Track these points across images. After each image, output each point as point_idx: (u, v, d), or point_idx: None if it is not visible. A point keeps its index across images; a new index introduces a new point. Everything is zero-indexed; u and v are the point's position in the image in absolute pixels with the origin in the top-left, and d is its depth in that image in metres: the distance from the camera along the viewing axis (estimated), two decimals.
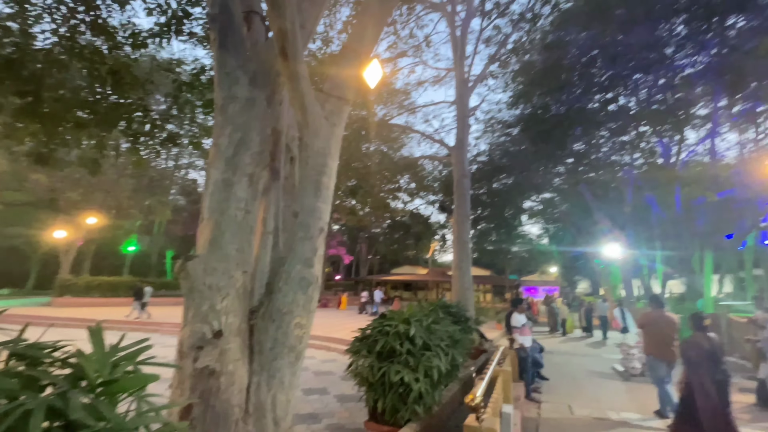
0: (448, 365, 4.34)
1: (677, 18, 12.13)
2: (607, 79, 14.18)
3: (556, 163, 19.48)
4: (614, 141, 17.54)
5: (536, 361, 6.70)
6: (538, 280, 38.32)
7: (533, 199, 26.76)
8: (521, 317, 6.44)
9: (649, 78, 14.08)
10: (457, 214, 11.30)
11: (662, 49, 12.83)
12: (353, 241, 41.60)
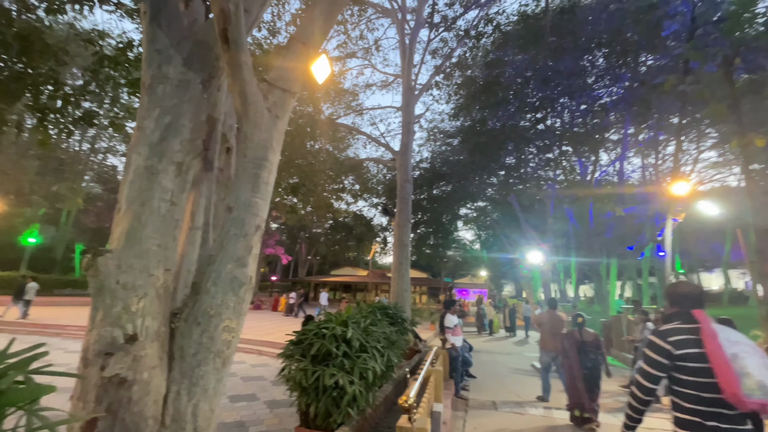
0: (383, 366, 4.36)
1: (599, 51, 13.68)
2: (538, 101, 15.53)
3: (490, 174, 20.85)
4: (541, 157, 19.28)
5: (466, 360, 7.03)
6: (469, 283, 40.46)
7: (469, 206, 28.32)
8: (454, 318, 6.72)
9: (572, 103, 15.70)
10: (398, 218, 11.52)
11: (585, 78, 14.39)
12: (293, 240, 40.42)
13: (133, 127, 3.20)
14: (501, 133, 16.17)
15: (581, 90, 14.21)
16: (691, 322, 1.99)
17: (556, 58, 12.61)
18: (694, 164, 19.13)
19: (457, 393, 6.28)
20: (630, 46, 12.66)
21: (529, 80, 14.34)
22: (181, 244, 2.59)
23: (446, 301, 7.40)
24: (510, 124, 16.13)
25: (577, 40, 12.44)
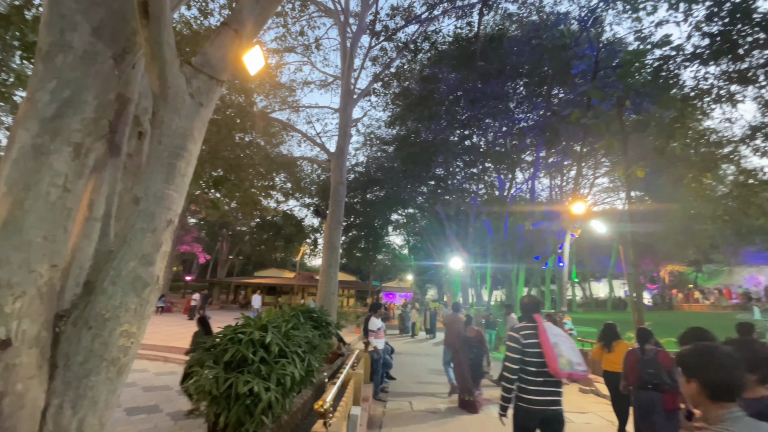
0: (303, 371, 4.27)
1: (520, 80, 15.14)
2: (466, 119, 16.65)
3: (421, 183, 21.74)
4: (467, 171, 20.66)
5: (386, 362, 7.20)
6: (396, 287, 41.54)
7: (400, 212, 29.16)
8: (378, 321, 6.85)
9: (496, 124, 17.14)
10: (330, 220, 11.41)
11: (507, 103, 15.82)
12: (213, 238, 37.65)
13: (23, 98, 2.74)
14: (432, 146, 17.00)
15: (503, 113, 15.62)
16: (532, 322, 3.03)
17: (483, 81, 13.69)
18: (590, 187, 22.10)
19: (376, 395, 6.39)
20: (546, 79, 14.27)
21: (460, 99, 15.34)
22: (75, 237, 2.27)
23: (372, 304, 7.51)
24: (441, 137, 17.04)
25: (502, 67, 13.66)
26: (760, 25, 7.55)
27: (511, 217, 17.99)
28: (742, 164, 8.18)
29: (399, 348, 12.31)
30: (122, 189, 2.74)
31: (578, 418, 5.94)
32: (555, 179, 20.93)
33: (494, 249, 20.65)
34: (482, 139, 19.11)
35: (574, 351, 2.85)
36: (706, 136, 8.87)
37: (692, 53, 8.53)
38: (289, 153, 21.29)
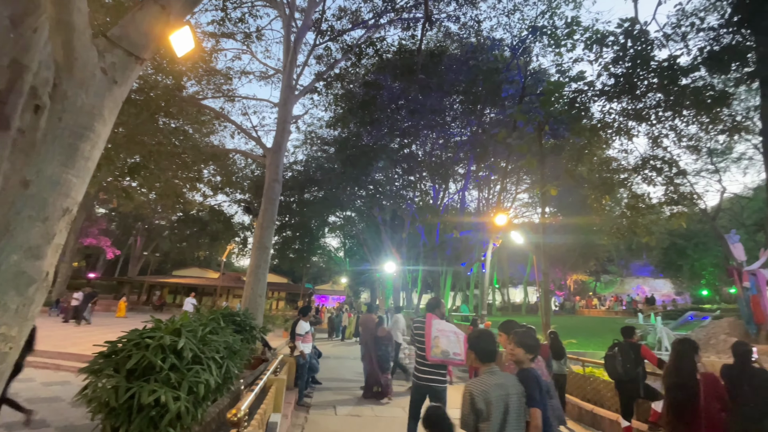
0: (220, 379, 4.01)
1: (457, 97, 16.02)
2: (407, 128, 17.17)
3: (360, 187, 21.86)
4: (405, 179, 21.27)
5: (313, 367, 7.06)
6: (329, 290, 41.03)
7: (338, 214, 28.96)
8: (306, 325, 6.69)
9: (433, 136, 17.94)
10: (262, 218, 10.91)
11: (444, 117, 16.65)
12: (126, 231, 33.80)
13: None
14: (372, 151, 17.22)
15: (441, 126, 16.43)
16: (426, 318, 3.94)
17: (423, 93, 14.26)
18: (513, 201, 24.11)
19: (300, 401, 6.23)
20: (479, 98, 15.32)
21: (401, 108, 15.79)
22: None
23: (302, 308, 7.33)
24: (381, 143, 17.34)
25: (441, 83, 14.38)
26: (655, 72, 8.94)
27: (442, 224, 18.90)
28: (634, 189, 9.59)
29: (328, 351, 12.16)
30: (8, 169, 2.35)
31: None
32: (483, 192, 22.48)
33: (426, 254, 21.51)
34: (421, 149, 19.84)
35: (454, 344, 3.62)
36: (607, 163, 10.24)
37: (600, 90, 9.79)
38: (221, 144, 19.99)
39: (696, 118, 8.52)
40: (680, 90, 8.27)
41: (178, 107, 12.87)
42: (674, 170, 9.13)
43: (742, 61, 7.74)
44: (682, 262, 27.48)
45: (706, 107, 8.47)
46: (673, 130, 8.95)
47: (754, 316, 11.38)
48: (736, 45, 7.58)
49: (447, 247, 19.61)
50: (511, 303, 38.42)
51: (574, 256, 30.69)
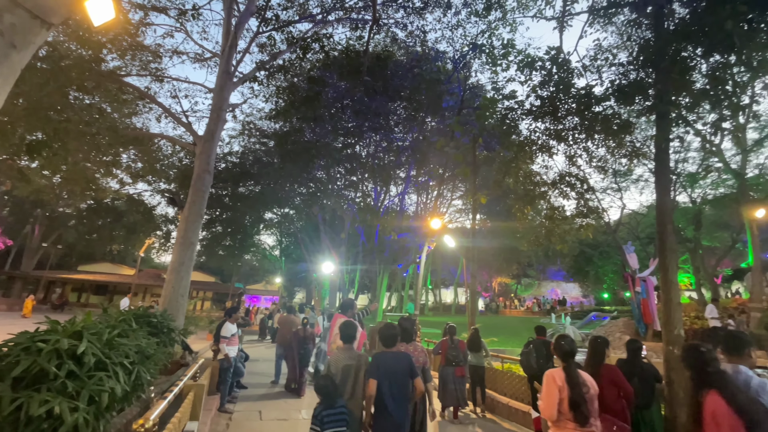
0: (128, 386, 3.64)
1: (401, 102, 16.40)
2: (351, 128, 17.14)
3: (300, 184, 21.29)
4: (347, 179, 21.18)
5: (237, 371, 6.72)
6: (262, 290, 39.34)
7: (275, 211, 27.88)
8: (232, 327, 6.35)
9: (377, 138, 18.14)
10: (189, 211, 10.09)
11: (389, 121, 16.94)
12: (21, 219, 29.14)
13: None
14: (314, 148, 16.89)
15: (385, 130, 16.68)
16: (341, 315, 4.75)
17: (368, 95, 14.36)
18: (448, 207, 25.28)
19: (221, 406, 5.89)
20: (422, 106, 15.84)
21: (346, 107, 15.71)
22: None
23: (228, 308, 6.94)
24: (324, 141, 17.08)
25: (386, 87, 14.61)
26: (574, 98, 9.98)
27: (382, 226, 19.18)
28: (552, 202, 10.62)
29: (257, 354, 11.63)
30: None
31: None
32: (421, 196, 23.25)
33: (365, 255, 21.63)
34: (364, 150, 19.92)
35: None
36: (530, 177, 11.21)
37: (528, 109, 10.68)
38: (144, 128, 18.19)
39: (604, 142, 9.70)
40: (593, 116, 9.34)
41: (94, 82, 11.46)
42: (585, 187, 10.30)
43: (644, 95, 8.89)
44: (588, 268, 31.06)
45: (613, 133, 9.65)
46: (585, 151, 10.08)
47: (643, 317, 13.27)
48: (641, 81, 8.72)
49: (385, 249, 19.93)
50: (442, 303, 40.16)
51: (499, 260, 33.07)
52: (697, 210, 16.92)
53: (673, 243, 6.19)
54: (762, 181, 16.16)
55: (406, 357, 3.24)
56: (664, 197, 6.55)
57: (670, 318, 5.63)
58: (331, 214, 22.55)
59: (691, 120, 9.17)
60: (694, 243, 17.39)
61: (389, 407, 2.98)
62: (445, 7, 13.20)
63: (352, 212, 20.20)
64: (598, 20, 10.67)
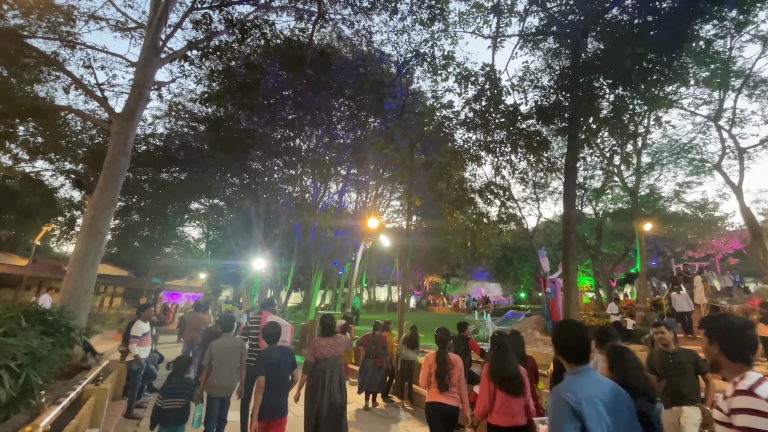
0: (15, 391, 3.24)
1: (344, 100, 16.36)
2: (291, 120, 16.67)
3: (233, 174, 20.15)
4: (285, 172, 20.54)
5: (149, 373, 6.23)
6: (184, 286, 36.55)
7: (203, 201, 26.02)
8: (144, 326, 5.87)
9: (318, 133, 17.87)
10: (99, 197, 9.05)
11: (331, 117, 16.80)
12: None
13: None
14: (250, 137, 16.10)
15: (326, 125, 16.49)
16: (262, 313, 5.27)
17: (311, 89, 14.10)
18: (386, 207, 25.79)
19: (129, 412, 5.42)
20: (364, 106, 15.97)
21: (286, 99, 15.23)
22: None
23: (140, 306, 6.40)
24: (262, 131, 16.37)
25: (329, 83, 14.47)
26: (502, 114, 10.87)
27: (320, 223, 18.94)
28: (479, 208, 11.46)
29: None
30: None
31: None
32: (361, 195, 23.39)
33: (300, 252, 21.15)
34: (305, 144, 19.45)
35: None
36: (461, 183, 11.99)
37: (462, 120, 11.39)
38: (49, 98, 15.87)
39: (526, 156, 10.73)
40: (518, 132, 10.27)
41: None
42: (507, 195, 11.29)
43: (561, 117, 9.95)
44: (509, 270, 33.86)
45: (534, 149, 10.70)
46: (509, 163, 11.05)
47: (551, 315, 14.86)
48: (559, 104, 9.76)
49: (322, 246, 19.69)
50: (376, 301, 40.83)
51: (432, 260, 34.61)
52: (599, 221, 19.39)
53: (575, 250, 7.10)
54: (651, 199, 19.01)
55: (290, 351, 3.95)
56: (570, 209, 7.47)
57: (568, 316, 6.45)
58: (266, 207, 21.69)
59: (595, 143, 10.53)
60: (595, 250, 19.89)
61: (273, 392, 3.58)
62: (392, 11, 13.46)
63: (289, 207, 19.65)
64: (528, 44, 11.72)
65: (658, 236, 21.75)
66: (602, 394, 1.74)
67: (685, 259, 21.73)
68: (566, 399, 1.69)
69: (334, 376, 3.86)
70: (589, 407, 1.66)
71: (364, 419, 6.38)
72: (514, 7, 11.03)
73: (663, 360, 4.09)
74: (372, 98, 14.49)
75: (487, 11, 11.49)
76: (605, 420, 1.66)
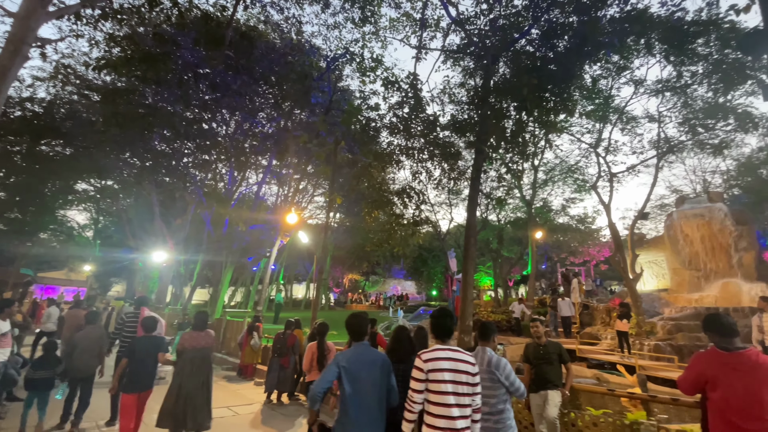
0: None
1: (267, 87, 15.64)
2: (207, 102, 15.39)
3: (132, 154, 17.88)
4: (198, 156, 18.83)
5: (9, 379, 5.31)
6: (63, 279, 31.51)
7: (92, 182, 22.60)
8: (4, 324, 4.99)
9: (237, 118, 16.76)
10: None
11: (254, 103, 15.92)
12: None
13: None
14: (155, 115, 14.44)
15: (247, 112, 15.54)
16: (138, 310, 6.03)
17: (230, 71, 13.19)
18: (308, 203, 25.33)
19: None
20: (290, 97, 15.47)
21: (202, 78, 13.99)
22: None
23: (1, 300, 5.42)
24: (170, 109, 14.79)
25: (252, 67, 13.70)
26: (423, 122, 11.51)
27: (234, 215, 17.77)
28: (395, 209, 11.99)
29: None
30: None
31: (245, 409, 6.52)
32: (282, 188, 22.56)
33: (210, 245, 19.60)
34: (222, 129, 18.07)
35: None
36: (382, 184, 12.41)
37: (387, 124, 11.79)
38: None
39: (440, 164, 11.53)
40: (435, 141, 10.98)
41: None
42: (421, 199, 12.00)
43: (472, 132, 10.86)
44: (423, 269, 35.85)
45: (448, 158, 11.52)
46: (425, 170, 11.76)
47: (456, 311, 16.17)
48: (471, 119, 10.64)
49: (235, 240, 18.51)
50: (292, 299, 39.85)
51: (352, 258, 34.95)
52: (501, 228, 21.61)
53: (474, 252, 7.90)
54: (543, 211, 21.77)
55: (159, 340, 4.75)
56: (472, 217, 8.26)
57: (464, 312, 7.14)
58: (171, 195, 19.69)
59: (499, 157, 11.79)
60: (496, 253, 22.12)
61: (140, 374, 4.46)
62: (324, 4, 13.30)
63: (199, 195, 18.08)
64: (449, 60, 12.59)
65: (547, 243, 25.01)
66: (363, 358, 2.77)
67: (568, 264, 25.37)
68: (336, 360, 2.73)
69: (196, 362, 4.50)
70: (348, 365, 2.69)
71: (267, 418, 6.26)
72: (440, 23, 11.76)
73: (535, 351, 4.78)
74: (298, 89, 14.12)
75: (415, 22, 12.06)
76: (358, 374, 2.68)
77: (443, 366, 2.50)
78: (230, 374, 9.65)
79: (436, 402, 2.46)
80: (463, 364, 2.54)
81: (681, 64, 11.47)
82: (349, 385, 2.61)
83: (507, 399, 3.14)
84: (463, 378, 2.51)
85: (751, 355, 2.58)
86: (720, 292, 14.50)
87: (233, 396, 7.56)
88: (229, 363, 10.62)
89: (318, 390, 2.59)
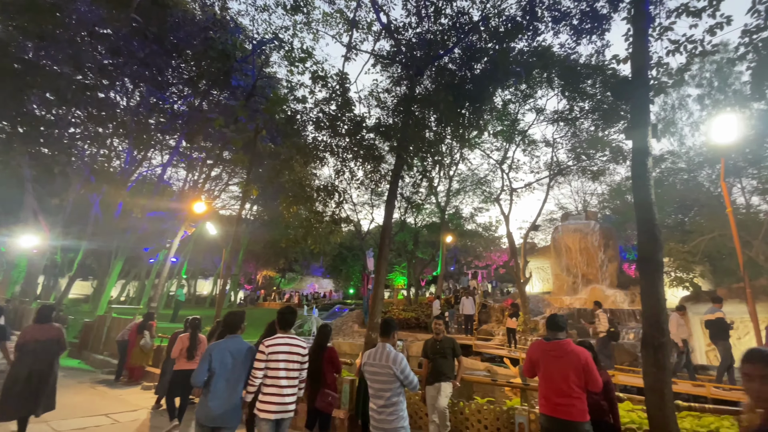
0: None
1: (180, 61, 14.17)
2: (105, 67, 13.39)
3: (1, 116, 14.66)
4: (89, 127, 16.19)
5: None
6: None
7: None
8: None
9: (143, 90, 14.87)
10: None
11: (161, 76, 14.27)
12: None
13: None
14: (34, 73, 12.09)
15: (155, 85, 13.85)
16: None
17: (136, 37, 11.66)
18: (222, 192, 23.56)
19: None
20: (207, 75, 14.23)
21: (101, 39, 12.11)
22: None
23: None
24: (56, 69, 12.50)
25: (162, 37, 12.30)
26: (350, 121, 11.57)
27: (130, 199, 15.65)
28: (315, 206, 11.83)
29: None
30: None
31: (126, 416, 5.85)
32: (192, 173, 20.60)
33: (97, 231, 17.00)
34: (122, 100, 15.80)
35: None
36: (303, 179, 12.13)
37: (313, 119, 11.58)
38: None
39: (364, 165, 11.71)
40: (360, 142, 11.12)
41: None
42: (341, 198, 12.05)
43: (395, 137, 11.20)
44: (342, 267, 35.87)
45: (372, 160, 11.75)
46: (349, 170, 11.84)
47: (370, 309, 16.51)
48: (395, 125, 10.99)
49: (129, 227, 16.35)
50: (196, 295, 36.66)
51: (268, 253, 33.43)
52: (417, 230, 22.71)
53: (387, 253, 8.22)
54: (455, 217, 23.38)
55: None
56: (388, 218, 8.57)
57: (374, 310, 7.37)
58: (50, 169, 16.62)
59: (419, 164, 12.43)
60: (411, 254, 23.16)
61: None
62: None
63: (86, 173, 15.57)
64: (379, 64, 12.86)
65: (457, 247, 26.98)
66: (232, 348, 3.35)
67: (473, 266, 27.70)
68: (209, 349, 3.29)
69: (38, 354, 4.50)
70: (216, 353, 3.27)
71: (154, 425, 5.69)
72: (372, 27, 11.95)
73: (432, 346, 5.16)
74: (218, 68, 13.08)
75: (348, 21, 12.07)
76: (224, 359, 3.27)
77: (280, 350, 3.35)
78: (111, 378, 8.54)
79: (271, 376, 3.30)
80: (295, 347, 3.44)
81: (573, 99, 13.36)
82: (216, 366, 3.25)
83: (401, 392, 3.35)
84: (294, 358, 3.41)
85: (564, 345, 3.24)
86: (589, 296, 17.26)
87: (114, 402, 6.71)
88: (112, 366, 9.41)
89: (198, 380, 3.16)
